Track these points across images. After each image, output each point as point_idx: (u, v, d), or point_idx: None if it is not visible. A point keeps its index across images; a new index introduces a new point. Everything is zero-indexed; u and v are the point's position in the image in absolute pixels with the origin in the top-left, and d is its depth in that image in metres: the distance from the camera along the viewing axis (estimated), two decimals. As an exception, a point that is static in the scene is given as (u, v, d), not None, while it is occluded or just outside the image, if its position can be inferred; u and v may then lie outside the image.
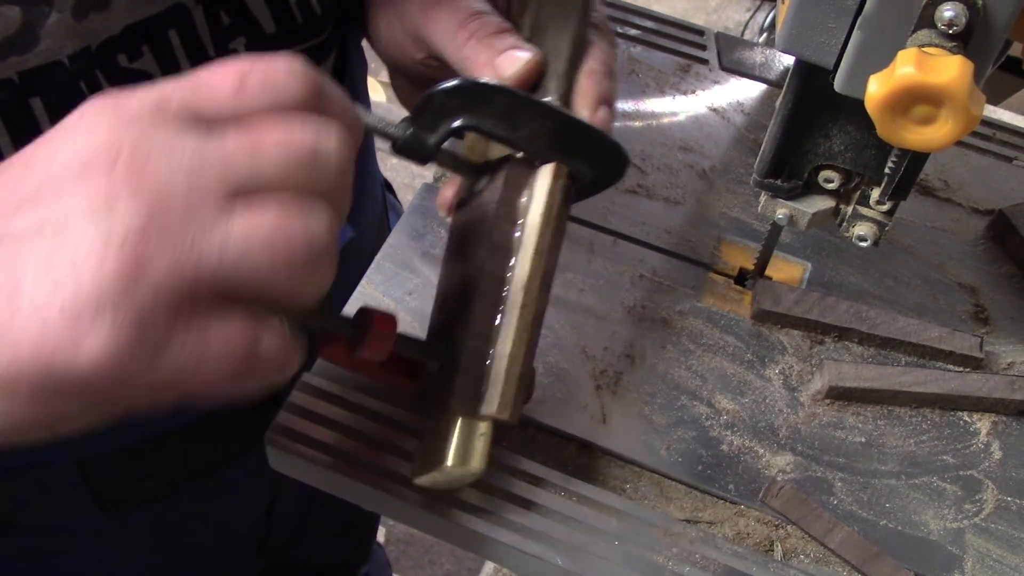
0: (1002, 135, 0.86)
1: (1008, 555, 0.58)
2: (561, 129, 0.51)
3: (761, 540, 0.57)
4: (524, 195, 0.52)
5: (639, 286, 0.68)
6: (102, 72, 0.53)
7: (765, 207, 0.60)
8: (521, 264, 0.51)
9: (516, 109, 0.49)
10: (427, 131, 0.49)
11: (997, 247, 0.76)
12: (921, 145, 0.43)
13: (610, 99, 0.54)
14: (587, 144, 0.52)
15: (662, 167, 0.77)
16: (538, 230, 0.51)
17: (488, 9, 0.55)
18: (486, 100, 0.49)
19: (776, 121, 0.55)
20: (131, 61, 0.54)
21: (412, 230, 0.69)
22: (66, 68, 0.51)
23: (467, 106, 0.49)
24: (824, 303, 0.67)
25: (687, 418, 0.62)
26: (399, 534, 1.77)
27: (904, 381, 0.64)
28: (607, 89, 0.54)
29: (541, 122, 0.50)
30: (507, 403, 0.50)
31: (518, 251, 0.51)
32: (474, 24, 0.53)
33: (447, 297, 0.54)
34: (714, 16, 2.86)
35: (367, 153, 0.83)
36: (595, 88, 0.54)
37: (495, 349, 0.50)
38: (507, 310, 0.50)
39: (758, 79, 0.86)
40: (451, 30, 0.53)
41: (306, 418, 0.59)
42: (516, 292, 0.50)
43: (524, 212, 0.51)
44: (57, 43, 0.50)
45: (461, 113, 0.49)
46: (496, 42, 0.53)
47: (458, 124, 0.49)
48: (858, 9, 0.45)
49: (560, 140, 0.51)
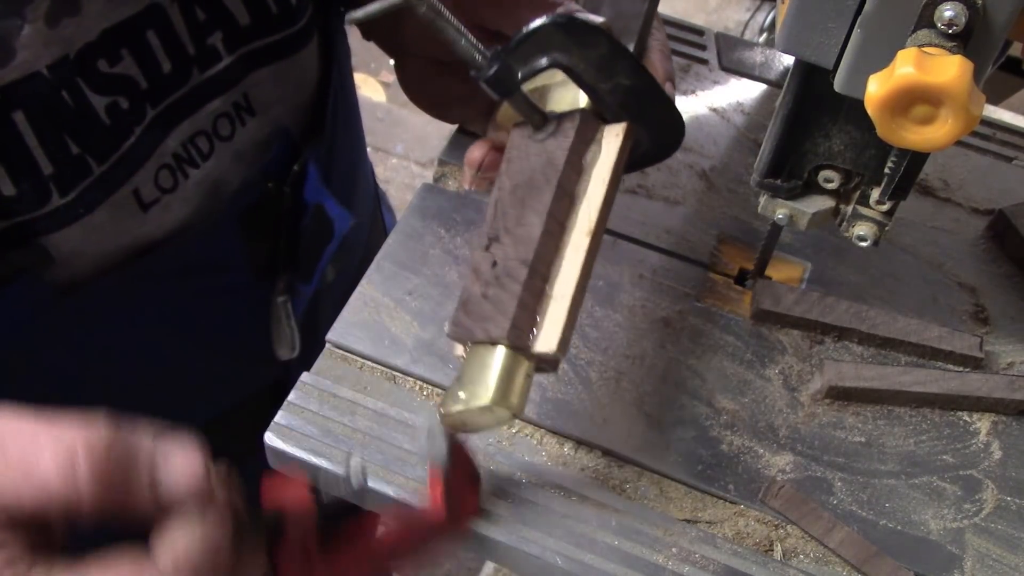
0: (1002, 135, 0.86)
1: (1008, 555, 0.58)
2: (645, 90, 0.51)
3: (761, 540, 0.57)
4: (591, 150, 0.52)
5: (639, 286, 0.68)
6: (83, 79, 0.52)
7: (765, 207, 0.60)
8: (587, 212, 0.51)
9: (615, 59, 0.49)
10: (518, 64, 0.48)
11: (997, 247, 0.76)
12: (921, 145, 0.42)
13: (674, 78, 0.57)
14: (658, 112, 0.52)
15: (662, 167, 0.77)
16: (607, 183, 0.51)
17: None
18: (591, 43, 0.48)
19: (776, 121, 0.55)
20: (112, 66, 0.53)
21: (412, 230, 0.69)
22: (46, 79, 0.50)
23: (569, 44, 0.48)
24: (824, 303, 0.67)
25: (687, 418, 0.62)
26: (399, 534, 1.77)
27: (904, 381, 0.64)
28: (672, 68, 0.57)
29: (631, 78, 0.50)
30: (565, 343, 0.49)
31: (582, 199, 0.51)
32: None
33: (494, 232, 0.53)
34: (714, 16, 2.87)
35: (357, 144, 0.83)
36: (665, 65, 0.56)
37: (554, 289, 0.50)
38: (568, 254, 0.51)
39: (758, 79, 0.86)
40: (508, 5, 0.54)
41: (306, 418, 0.59)
42: (580, 238, 0.51)
43: (590, 166, 0.52)
44: (34, 54, 0.49)
45: (561, 50, 0.48)
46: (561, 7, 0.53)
47: (553, 61, 0.48)
48: (858, 9, 0.45)
49: (638, 101, 0.51)
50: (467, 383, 0.48)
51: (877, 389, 0.63)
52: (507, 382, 0.47)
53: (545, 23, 0.47)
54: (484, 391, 0.47)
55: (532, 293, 0.49)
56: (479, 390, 0.47)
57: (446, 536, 0.52)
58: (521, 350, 0.48)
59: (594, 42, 0.49)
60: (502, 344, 0.48)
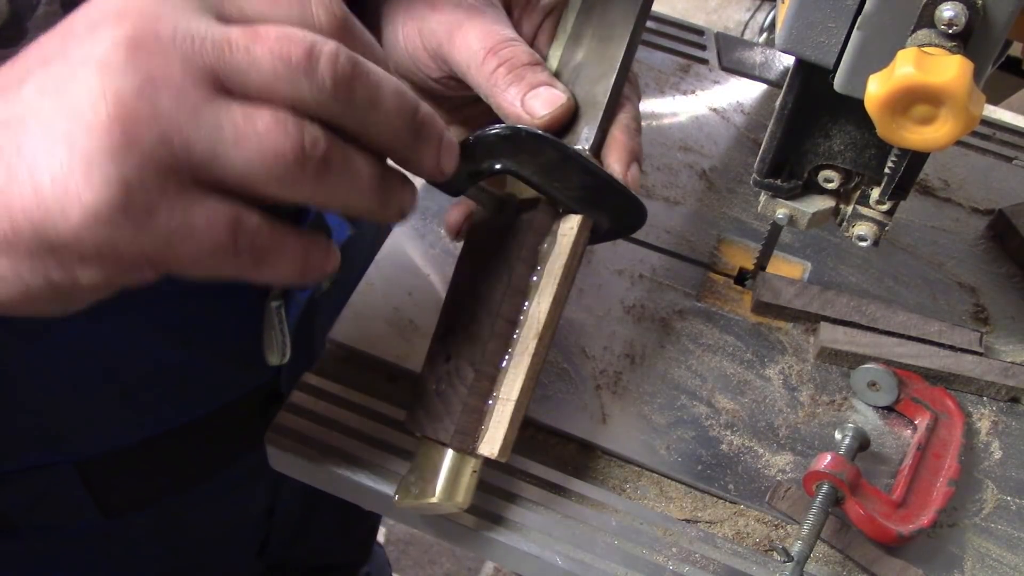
0: (1002, 135, 0.86)
1: (1008, 555, 0.58)
2: (597, 187, 0.51)
3: (761, 540, 0.57)
4: (546, 241, 0.52)
5: (639, 286, 0.69)
6: None
7: (765, 207, 0.60)
8: (538, 311, 0.51)
9: (562, 164, 0.49)
10: (468, 164, 0.48)
11: (997, 247, 0.76)
12: (921, 145, 0.42)
13: (640, 156, 0.54)
14: (615, 201, 0.52)
15: (662, 167, 0.77)
16: (558, 280, 0.51)
17: (518, 38, 0.53)
18: (536, 151, 0.49)
19: (776, 121, 0.55)
20: None
21: (412, 230, 0.69)
22: None
23: (515, 152, 0.49)
24: (824, 296, 0.67)
25: (687, 418, 0.62)
26: (399, 534, 1.77)
27: (898, 352, 0.64)
28: (639, 146, 0.54)
29: (580, 177, 0.50)
30: (507, 447, 0.51)
31: (534, 296, 0.51)
32: (505, 51, 0.51)
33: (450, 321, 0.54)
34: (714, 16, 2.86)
35: None
36: (629, 144, 0.53)
37: (500, 391, 0.51)
38: (517, 353, 0.51)
39: (758, 79, 0.86)
40: (479, 53, 0.52)
41: (306, 418, 0.59)
42: (530, 339, 0.51)
43: (544, 258, 0.52)
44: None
45: (507, 158, 0.49)
46: (528, 75, 0.51)
47: (500, 167, 0.49)
48: (858, 9, 0.45)
49: (592, 195, 0.51)
50: (418, 478, 0.53)
51: (869, 355, 0.64)
52: (453, 482, 0.51)
53: (487, 134, 0.48)
54: (432, 489, 0.51)
55: (479, 395, 0.51)
56: (428, 488, 0.51)
57: None
58: (467, 452, 0.51)
59: (540, 150, 0.48)
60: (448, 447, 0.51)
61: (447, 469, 0.51)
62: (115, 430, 0.65)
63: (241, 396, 0.71)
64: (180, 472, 0.72)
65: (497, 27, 0.52)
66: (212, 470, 0.73)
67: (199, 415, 0.69)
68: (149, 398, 0.65)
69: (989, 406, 0.65)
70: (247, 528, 0.84)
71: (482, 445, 0.51)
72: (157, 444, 0.67)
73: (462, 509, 0.52)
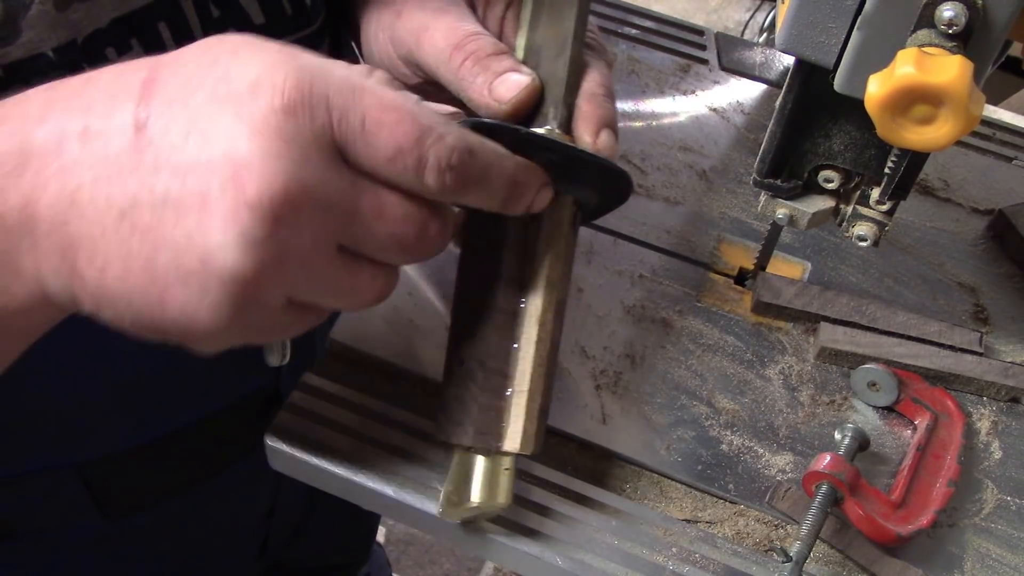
0: (1002, 135, 0.86)
1: (1008, 555, 0.58)
2: (565, 161, 0.50)
3: (761, 540, 0.57)
4: (531, 227, 0.52)
5: (639, 286, 0.69)
6: (90, 66, 0.52)
7: (765, 207, 0.60)
8: (534, 298, 0.51)
9: (521, 145, 0.49)
10: None
11: (997, 247, 0.76)
12: (921, 145, 0.43)
13: (612, 122, 0.53)
14: (591, 173, 0.51)
15: (662, 167, 0.77)
16: (548, 263, 0.51)
17: (482, 31, 0.54)
18: (496, 136, 0.48)
19: (776, 121, 0.55)
20: (120, 55, 0.53)
21: (412, 230, 0.69)
22: (51, 61, 0.50)
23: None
24: (824, 296, 0.68)
25: (687, 418, 0.62)
26: (399, 534, 1.77)
27: (898, 352, 0.64)
28: (608, 112, 0.53)
29: (545, 155, 0.49)
30: (529, 439, 0.51)
31: (529, 284, 0.51)
32: (470, 45, 0.52)
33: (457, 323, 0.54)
34: (714, 16, 2.86)
35: None
36: (596, 112, 0.53)
37: (514, 384, 0.51)
38: (522, 345, 0.51)
39: (758, 79, 0.86)
40: (445, 51, 0.52)
41: (306, 418, 0.59)
42: (530, 327, 0.51)
43: (532, 244, 0.52)
44: (39, 35, 0.49)
45: None
46: (493, 64, 0.52)
47: None
48: (858, 9, 0.45)
49: (565, 171, 0.50)
50: (456, 486, 0.52)
51: (869, 356, 0.64)
52: (490, 483, 0.51)
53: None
54: (472, 494, 0.51)
55: (491, 392, 0.51)
56: (466, 494, 0.52)
57: None
58: (491, 452, 0.51)
59: (498, 138, 0.48)
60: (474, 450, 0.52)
61: (480, 472, 0.51)
62: (116, 433, 0.65)
63: (241, 398, 0.71)
64: (181, 474, 0.71)
65: (461, 23, 0.53)
66: (213, 472, 0.73)
67: (199, 417, 0.69)
68: (149, 400, 0.65)
69: (989, 406, 0.65)
70: (247, 529, 0.84)
71: (506, 442, 0.51)
72: (158, 446, 0.67)
73: (506, 507, 0.52)
